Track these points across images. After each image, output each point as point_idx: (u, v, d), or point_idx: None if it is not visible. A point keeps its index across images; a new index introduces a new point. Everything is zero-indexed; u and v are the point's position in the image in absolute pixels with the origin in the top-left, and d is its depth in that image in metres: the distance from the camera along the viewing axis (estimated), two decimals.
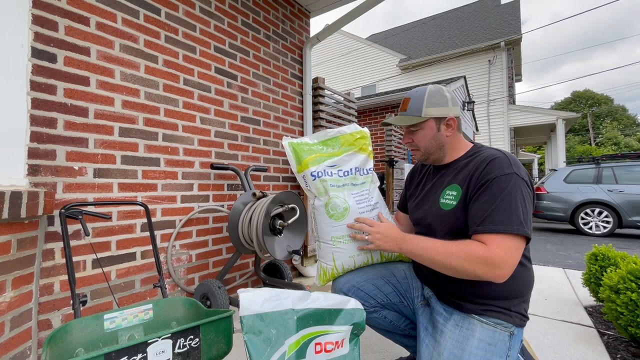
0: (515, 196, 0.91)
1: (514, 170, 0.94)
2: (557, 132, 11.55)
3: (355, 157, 1.25)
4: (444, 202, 1.06)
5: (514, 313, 0.97)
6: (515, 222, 0.88)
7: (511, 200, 0.90)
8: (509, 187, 0.91)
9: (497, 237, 0.88)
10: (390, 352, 1.56)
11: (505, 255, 0.87)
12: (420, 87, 1.13)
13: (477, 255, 0.88)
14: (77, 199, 1.53)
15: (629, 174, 5.82)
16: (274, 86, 2.74)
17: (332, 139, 1.26)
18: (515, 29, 12.33)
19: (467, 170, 1.03)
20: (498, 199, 0.91)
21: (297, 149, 1.21)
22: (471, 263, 0.88)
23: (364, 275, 1.19)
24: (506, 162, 0.96)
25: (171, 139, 1.94)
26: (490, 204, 0.91)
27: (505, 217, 0.89)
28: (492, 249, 0.87)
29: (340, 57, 15.56)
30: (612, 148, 29.54)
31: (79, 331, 1.05)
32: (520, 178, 0.93)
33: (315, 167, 1.19)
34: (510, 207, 0.89)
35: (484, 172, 0.96)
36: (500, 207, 0.90)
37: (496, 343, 0.94)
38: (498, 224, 0.89)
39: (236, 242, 1.90)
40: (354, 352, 0.94)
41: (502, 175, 0.93)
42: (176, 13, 1.99)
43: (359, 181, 1.22)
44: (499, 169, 0.94)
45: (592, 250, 2.22)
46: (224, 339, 0.99)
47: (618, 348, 1.64)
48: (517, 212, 0.89)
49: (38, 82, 1.40)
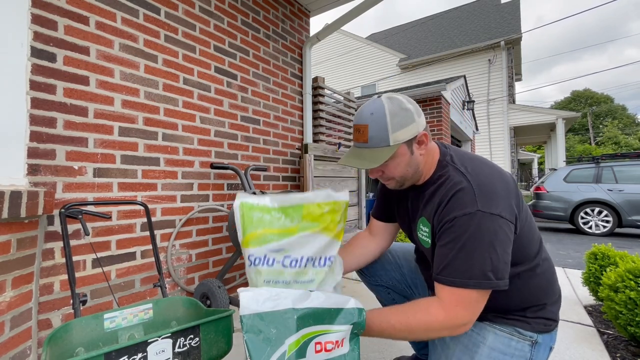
0: (478, 240, 0.78)
1: (478, 206, 0.79)
2: (557, 132, 11.56)
3: (315, 239, 0.91)
4: (421, 237, 0.97)
5: (533, 319, 0.90)
6: (476, 275, 0.77)
7: (473, 247, 0.78)
8: (470, 231, 0.79)
9: (456, 291, 0.80)
10: (390, 352, 1.56)
11: (466, 312, 0.80)
12: (373, 105, 0.89)
13: (438, 323, 0.80)
14: (76, 199, 1.52)
15: (628, 174, 5.83)
16: (274, 85, 2.74)
17: (294, 208, 0.92)
18: (515, 28, 12.32)
19: (433, 204, 0.90)
20: (457, 246, 0.80)
21: (245, 215, 0.90)
22: (434, 332, 0.83)
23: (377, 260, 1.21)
24: (469, 196, 0.81)
25: (171, 139, 1.94)
26: (450, 249, 0.81)
27: (465, 269, 0.79)
28: (451, 310, 0.80)
29: (340, 57, 15.56)
30: (612, 147, 29.56)
31: (79, 331, 1.05)
32: (487, 214, 0.78)
33: (255, 249, 0.88)
34: (471, 256, 0.78)
35: (445, 209, 0.84)
36: (459, 257, 0.80)
37: (512, 353, 0.87)
38: (455, 277, 0.79)
39: (236, 241, 1.89)
40: (354, 351, 0.93)
41: (462, 215, 0.80)
42: (176, 12, 1.99)
43: (306, 277, 0.90)
44: (459, 207, 0.81)
45: (591, 250, 2.23)
46: (224, 339, 0.99)
47: (618, 347, 1.64)
48: (480, 261, 0.77)
49: (37, 81, 1.39)
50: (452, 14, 16.84)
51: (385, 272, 1.20)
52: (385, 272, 1.19)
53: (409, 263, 1.23)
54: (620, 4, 63.03)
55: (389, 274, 1.20)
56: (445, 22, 16.04)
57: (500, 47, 11.79)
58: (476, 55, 12.41)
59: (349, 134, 3.69)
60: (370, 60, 14.76)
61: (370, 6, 2.66)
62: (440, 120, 6.12)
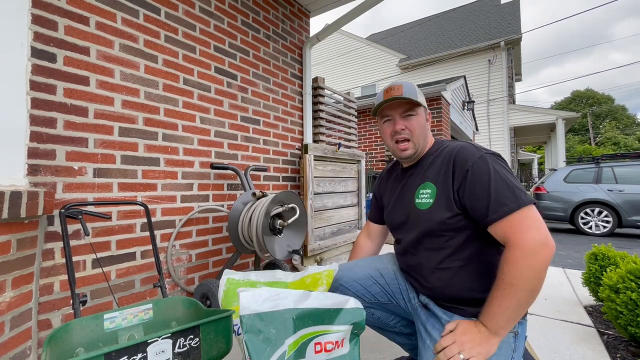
0: (501, 172, 0.90)
1: (483, 151, 0.96)
2: (557, 132, 11.56)
3: None
4: (420, 201, 1.04)
5: None
6: (521, 195, 0.86)
7: (502, 177, 0.89)
8: (491, 166, 0.91)
9: (514, 217, 0.84)
10: (390, 352, 1.56)
11: (535, 232, 0.82)
12: (401, 80, 1.12)
13: (522, 261, 0.80)
14: (77, 199, 1.52)
15: (628, 174, 5.82)
16: (274, 86, 2.74)
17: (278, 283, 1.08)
18: (515, 28, 12.33)
19: (436, 166, 1.03)
20: (491, 181, 0.89)
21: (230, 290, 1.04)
22: (528, 270, 0.80)
23: (352, 276, 1.18)
24: (472, 147, 0.97)
25: (171, 139, 1.94)
26: (486, 189, 0.89)
27: (510, 194, 0.86)
28: (521, 237, 0.81)
29: (340, 57, 15.56)
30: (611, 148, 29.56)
31: (79, 331, 1.05)
32: (490, 154, 0.95)
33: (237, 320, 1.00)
34: (506, 183, 0.88)
35: (458, 164, 0.96)
36: (498, 187, 0.88)
37: (500, 346, 0.90)
38: (508, 203, 0.85)
39: (236, 241, 1.90)
40: (354, 351, 0.93)
41: (476, 160, 0.93)
42: (176, 13, 1.99)
43: None
44: (470, 157, 0.94)
45: (591, 250, 2.22)
46: (224, 339, 0.99)
47: (618, 347, 1.64)
48: (513, 184, 0.88)
49: (38, 81, 1.40)
50: (452, 14, 16.85)
51: (366, 289, 1.17)
52: (366, 290, 1.17)
53: (387, 271, 1.22)
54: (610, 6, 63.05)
55: (369, 290, 1.18)
56: (445, 23, 16.04)
57: (500, 48, 11.79)
58: (476, 55, 12.41)
59: (349, 134, 3.69)
60: (370, 60, 14.76)
61: (371, 6, 2.66)
62: (440, 121, 6.12)
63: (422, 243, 1.05)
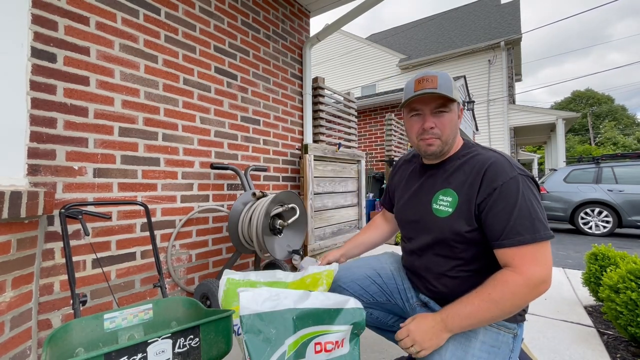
0: (529, 198, 0.86)
1: (517, 171, 0.89)
2: (557, 132, 11.56)
3: None
4: (438, 208, 0.99)
5: None
6: (541, 228, 0.83)
7: (527, 205, 0.85)
8: (520, 191, 0.86)
9: (527, 249, 0.83)
10: (390, 352, 1.56)
11: (542, 269, 0.82)
12: (436, 71, 1.00)
13: (519, 287, 0.82)
14: (77, 199, 1.52)
15: (628, 174, 5.82)
16: (274, 86, 2.74)
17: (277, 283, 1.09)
18: (515, 28, 12.33)
19: (463, 174, 0.96)
20: (515, 206, 0.85)
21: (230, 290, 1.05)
22: (520, 297, 0.82)
23: (351, 276, 1.20)
24: (507, 164, 0.91)
25: (171, 139, 1.94)
26: (508, 212, 0.86)
27: (529, 225, 0.83)
28: (528, 269, 0.82)
29: (340, 57, 15.56)
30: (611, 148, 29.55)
31: (79, 331, 1.05)
32: (524, 177, 0.89)
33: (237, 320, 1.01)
34: (529, 212, 0.84)
35: (488, 179, 0.90)
36: (520, 215, 0.84)
37: (500, 345, 0.92)
38: (524, 234, 0.83)
39: (236, 241, 1.90)
40: (354, 351, 0.93)
41: (508, 180, 0.88)
42: (176, 13, 1.99)
43: None
44: (503, 173, 0.89)
45: (591, 250, 2.23)
46: (224, 339, 0.99)
47: (618, 348, 1.64)
48: (537, 215, 0.85)
49: (38, 81, 1.40)
50: (452, 14, 16.85)
51: (364, 289, 1.19)
52: (364, 290, 1.19)
53: (385, 271, 1.23)
54: None
55: (367, 290, 1.19)
56: (445, 23, 16.04)
57: (500, 48, 11.79)
58: (476, 55, 12.41)
59: (349, 134, 3.69)
60: (370, 60, 14.76)
61: (371, 6, 2.66)
62: None
63: (432, 248, 1.04)
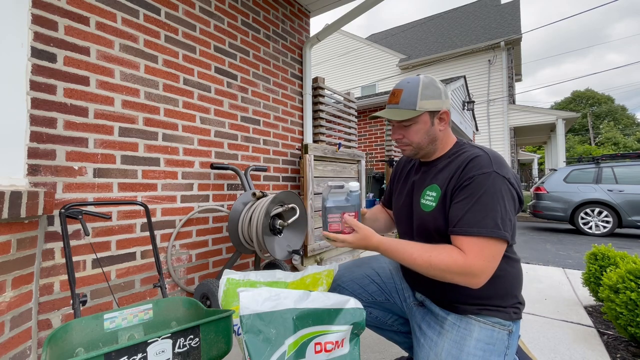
0: (492, 195, 0.87)
1: (494, 168, 0.90)
2: (557, 132, 11.55)
3: None
4: (424, 202, 1.03)
5: (510, 308, 0.97)
6: (489, 224, 0.85)
7: (488, 201, 0.87)
8: (487, 187, 0.88)
9: (473, 240, 0.86)
10: (390, 352, 1.56)
11: (484, 264, 0.85)
12: (411, 77, 1.05)
13: (457, 266, 0.85)
14: (77, 199, 1.52)
15: (628, 174, 5.82)
16: (274, 86, 2.74)
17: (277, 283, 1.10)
18: (515, 28, 12.32)
19: (448, 171, 0.99)
20: (474, 199, 0.88)
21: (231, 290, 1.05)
22: (450, 273, 0.86)
23: (350, 276, 1.22)
24: (486, 161, 0.93)
25: (171, 139, 1.94)
26: (466, 204, 0.89)
27: (480, 219, 0.86)
28: (471, 258, 0.85)
29: (340, 57, 15.55)
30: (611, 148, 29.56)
31: (79, 331, 1.05)
32: (500, 176, 0.89)
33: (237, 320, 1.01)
34: (487, 208, 0.86)
35: (464, 172, 0.93)
36: (473, 209, 0.87)
37: (495, 342, 0.93)
38: (472, 226, 0.86)
39: (236, 241, 1.90)
40: (354, 351, 0.94)
41: (480, 174, 0.90)
42: (176, 13, 1.99)
43: None
44: (478, 168, 0.91)
45: (591, 250, 2.22)
46: (224, 339, 0.99)
47: (618, 348, 1.64)
48: (494, 213, 0.86)
49: (38, 81, 1.40)
50: (452, 14, 16.84)
51: (363, 289, 1.20)
52: (363, 290, 1.20)
53: (383, 270, 1.25)
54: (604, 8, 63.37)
55: (366, 289, 1.20)
56: (445, 23, 16.03)
57: (500, 48, 11.78)
58: (476, 55, 12.40)
59: (349, 134, 3.69)
60: (370, 60, 14.75)
61: (371, 6, 2.66)
62: None
63: None
